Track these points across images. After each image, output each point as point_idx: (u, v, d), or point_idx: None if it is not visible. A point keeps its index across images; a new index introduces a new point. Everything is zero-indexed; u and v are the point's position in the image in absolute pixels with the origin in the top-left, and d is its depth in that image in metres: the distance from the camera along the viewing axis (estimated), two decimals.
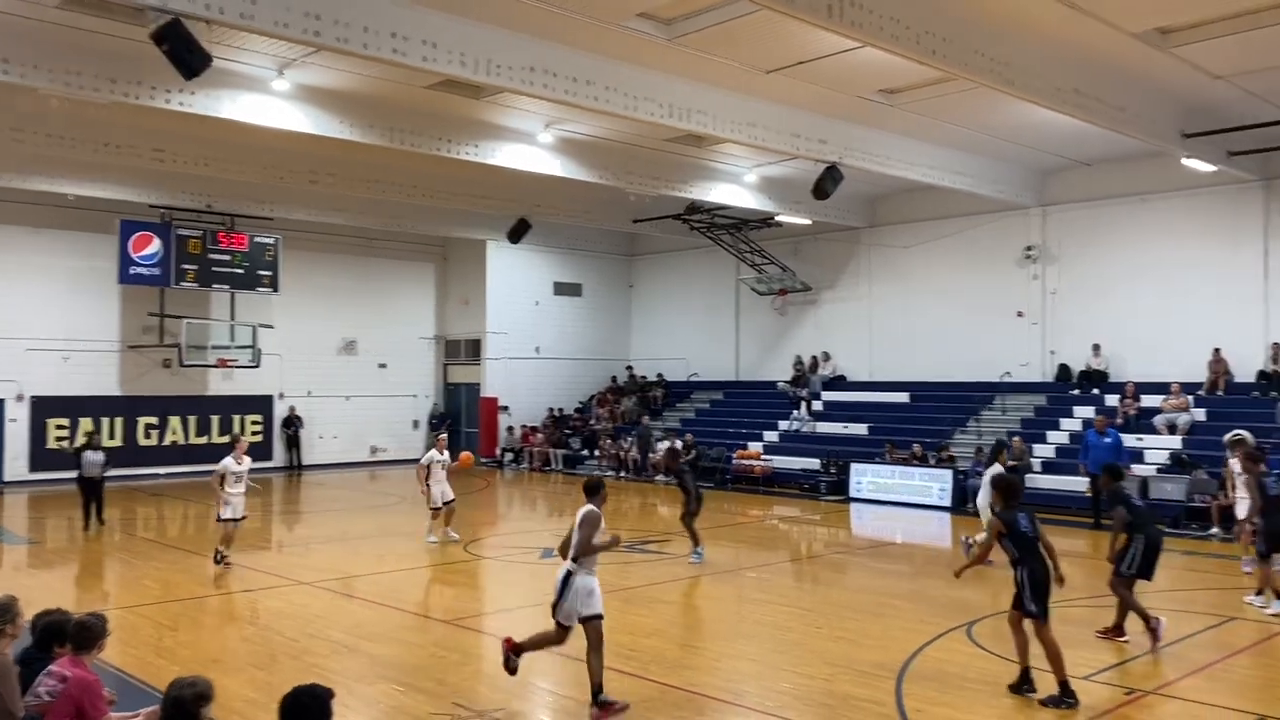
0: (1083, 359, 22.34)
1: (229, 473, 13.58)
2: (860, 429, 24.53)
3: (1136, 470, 18.52)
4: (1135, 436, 19.67)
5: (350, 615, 11.15)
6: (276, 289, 26.82)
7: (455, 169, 21.54)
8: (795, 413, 26.24)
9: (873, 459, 22.45)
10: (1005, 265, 23.72)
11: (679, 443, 23.84)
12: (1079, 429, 20.26)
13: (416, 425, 31.03)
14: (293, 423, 28.23)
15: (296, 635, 10.17)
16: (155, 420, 26.10)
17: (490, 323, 29.99)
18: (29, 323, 24.02)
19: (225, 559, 13.55)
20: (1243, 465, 12.37)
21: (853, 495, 22.00)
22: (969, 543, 14.18)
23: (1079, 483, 18.45)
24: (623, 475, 26.61)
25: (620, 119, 15.91)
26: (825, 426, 25.35)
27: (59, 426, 24.56)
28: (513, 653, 8.01)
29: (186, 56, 10.96)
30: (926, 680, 8.61)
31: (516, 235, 26.02)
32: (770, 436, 25.93)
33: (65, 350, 24.58)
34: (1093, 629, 10.08)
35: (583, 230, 29.87)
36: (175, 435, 26.42)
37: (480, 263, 30.04)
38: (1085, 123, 15.58)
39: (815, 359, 27.45)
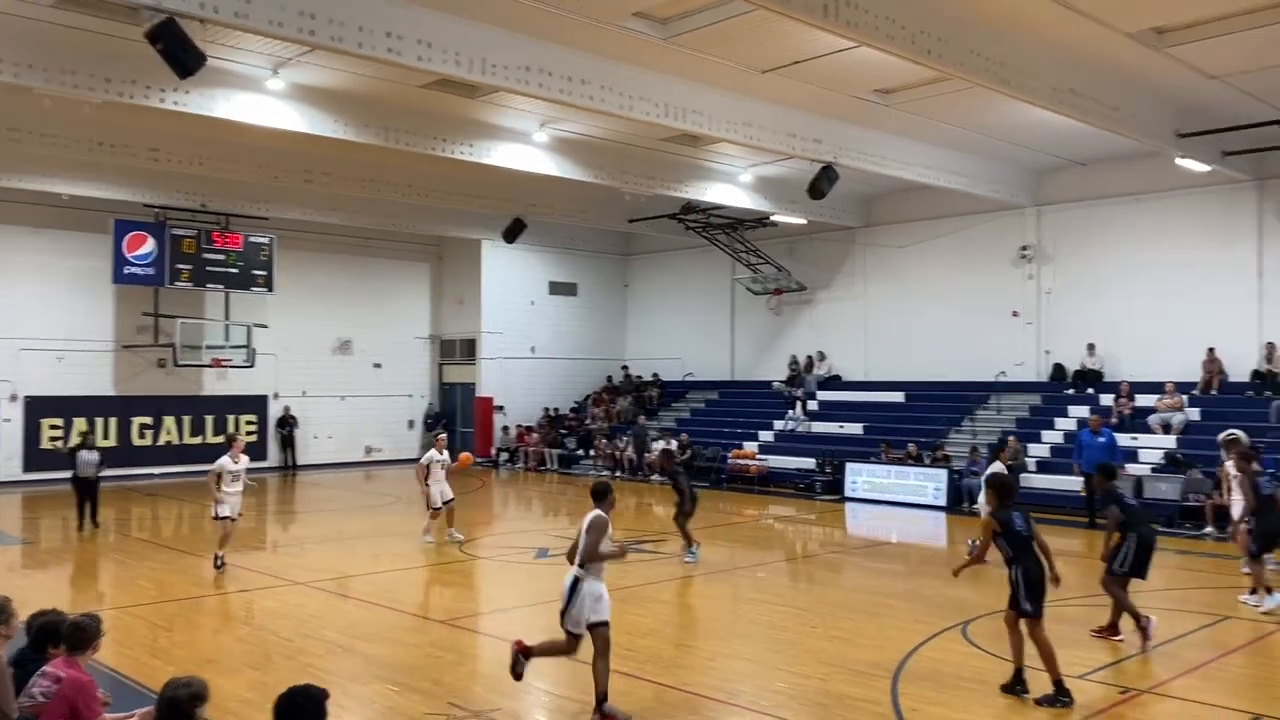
0: (1077, 358, 22.39)
1: (225, 472, 13.54)
2: (855, 429, 24.56)
3: (1131, 469, 18.57)
4: (1130, 436, 19.72)
5: (345, 615, 11.13)
6: (271, 289, 26.78)
7: (450, 168, 21.52)
8: (790, 412, 26.26)
9: (868, 458, 22.46)
10: (1000, 265, 23.76)
11: (674, 443, 23.86)
12: (1074, 428, 20.28)
13: (412, 425, 31.01)
14: (287, 423, 28.19)
15: (291, 635, 10.16)
16: (150, 420, 26.04)
17: (485, 322, 29.96)
18: (23, 322, 23.96)
19: (218, 559, 13.48)
20: (1236, 465, 12.42)
21: (848, 495, 22.00)
22: (974, 545, 14.18)
23: (1074, 482, 18.51)
24: (618, 475, 26.60)
25: (616, 118, 15.91)
26: (820, 426, 25.38)
27: (53, 427, 24.50)
28: (522, 655, 7.80)
29: (181, 56, 10.94)
30: (922, 680, 8.61)
31: (512, 235, 26.02)
32: (765, 436, 25.94)
33: (59, 350, 24.52)
34: (1088, 628, 10.10)
35: (578, 230, 29.88)
36: (170, 435, 26.37)
37: (475, 262, 30.00)
38: (1080, 122, 15.61)
39: (810, 359, 27.47)
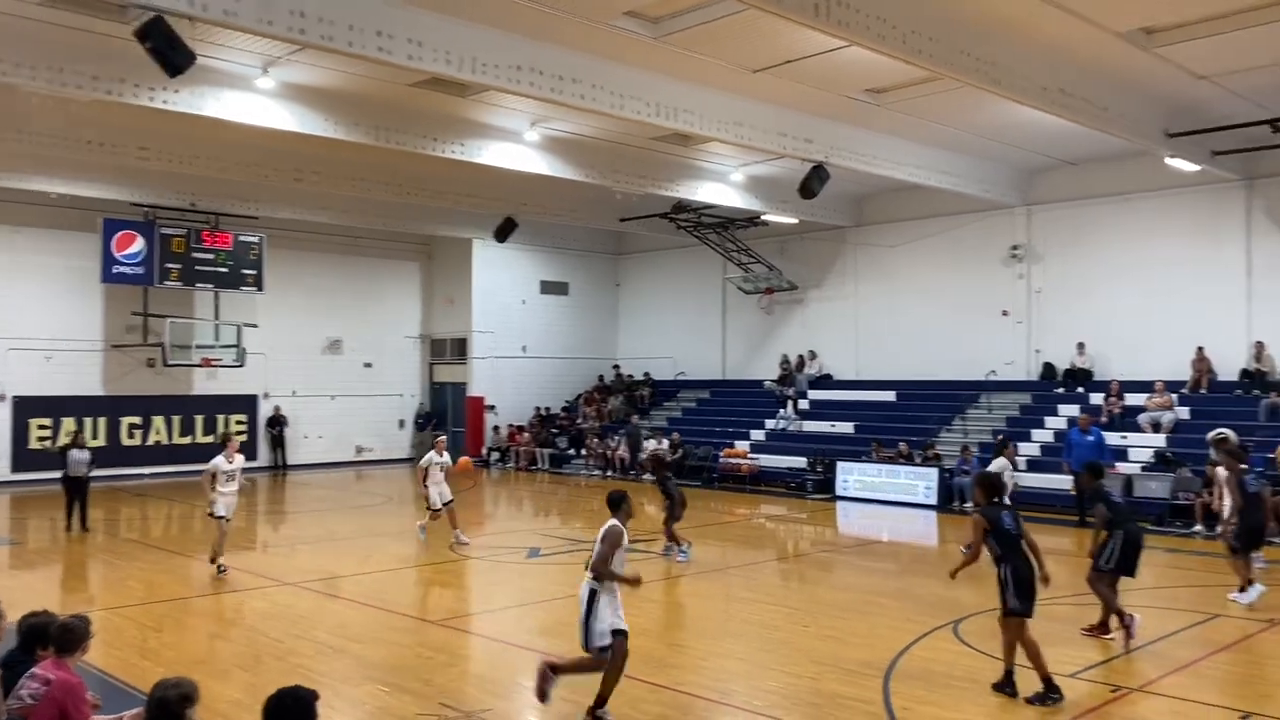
0: (1067, 357, 22.46)
1: (220, 472, 13.42)
2: (847, 427, 24.59)
3: (1121, 468, 18.66)
4: (1120, 434, 19.80)
5: (336, 616, 11.10)
6: (261, 288, 26.68)
7: (441, 167, 21.47)
8: (782, 411, 26.29)
9: (859, 457, 22.49)
10: (990, 264, 23.81)
11: (665, 443, 23.85)
12: (1064, 427, 20.34)
13: (402, 425, 30.95)
14: (277, 422, 28.10)
15: (282, 636, 10.12)
16: (139, 420, 25.94)
17: (476, 322, 29.90)
18: (11, 322, 23.83)
19: (221, 566, 13.28)
20: (1224, 463, 12.47)
21: (839, 494, 22.03)
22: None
23: (1063, 481, 18.53)
24: (610, 474, 26.60)
25: (607, 118, 15.90)
26: (812, 425, 25.40)
27: (41, 427, 24.38)
28: (551, 671, 7.50)
29: (170, 54, 10.89)
30: (913, 679, 8.63)
31: (503, 234, 25.97)
32: (757, 435, 25.96)
33: (48, 350, 24.40)
34: (1078, 626, 10.13)
35: (569, 229, 29.86)
36: (159, 435, 26.27)
37: (466, 261, 29.94)
38: (1070, 122, 15.67)
39: (802, 358, 27.50)
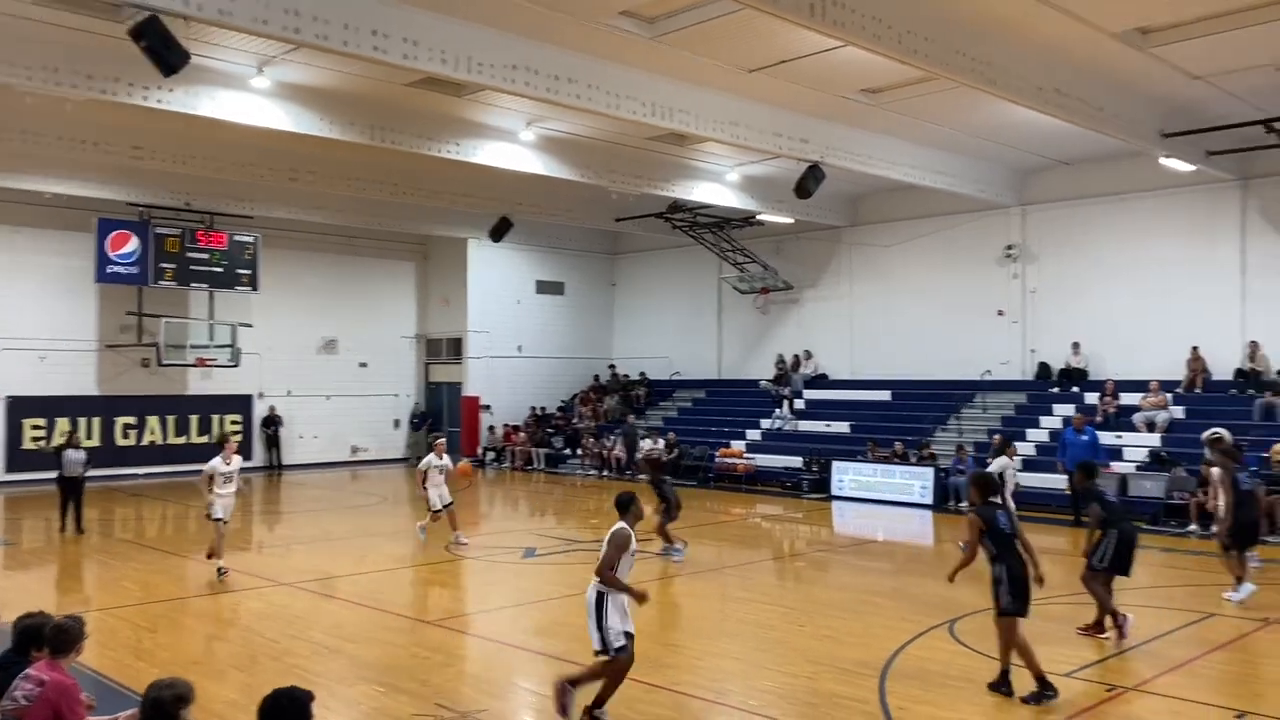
0: (1062, 357, 22.50)
1: (217, 473, 13.34)
2: (842, 427, 24.61)
3: (1116, 467, 18.69)
4: (1115, 434, 19.83)
5: (331, 616, 11.08)
6: (256, 288, 26.62)
7: (436, 167, 21.45)
8: (777, 411, 26.29)
9: (854, 457, 22.50)
10: (985, 264, 23.84)
11: (660, 442, 23.81)
12: (1059, 427, 20.36)
13: (398, 425, 30.92)
14: (272, 422, 28.05)
15: (277, 636, 10.10)
16: (133, 420, 25.88)
17: (472, 321, 29.87)
18: (4, 322, 23.74)
19: (221, 569, 13.20)
20: (1219, 462, 12.50)
21: (835, 493, 22.03)
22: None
23: (1058, 480, 18.58)
24: (605, 474, 26.59)
25: (602, 117, 15.89)
26: (807, 425, 25.42)
27: (35, 427, 24.31)
28: (569, 684, 7.37)
29: (164, 53, 10.87)
30: (909, 678, 8.63)
31: (498, 234, 25.96)
32: (753, 435, 25.97)
33: (42, 350, 24.32)
34: (1073, 626, 10.14)
35: (565, 229, 29.83)
36: (154, 435, 26.21)
37: (461, 261, 29.90)
38: (1066, 122, 15.68)
39: (797, 357, 27.51)
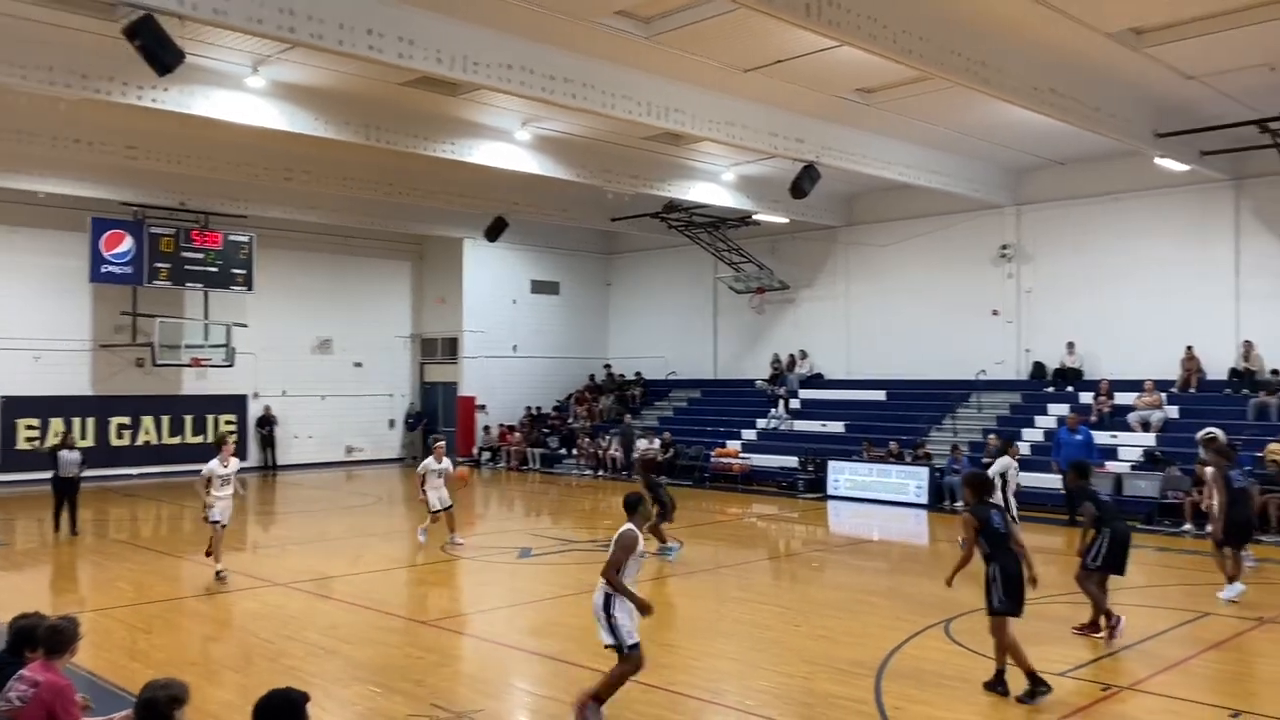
0: (1057, 357, 22.54)
1: (215, 476, 13.28)
2: (838, 427, 24.62)
3: (1111, 467, 18.73)
4: (1109, 433, 19.85)
5: (327, 616, 11.06)
6: (251, 287, 26.57)
7: (432, 167, 21.43)
8: (773, 411, 26.31)
9: (850, 457, 22.50)
10: (980, 264, 23.87)
11: (656, 443, 23.81)
12: (1054, 426, 20.39)
13: (393, 425, 30.89)
14: (267, 422, 28.00)
15: (272, 637, 10.09)
16: (128, 420, 25.81)
17: (467, 321, 29.84)
18: None
19: (220, 573, 13.13)
20: (1212, 461, 12.55)
21: (830, 493, 22.04)
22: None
23: (1053, 480, 18.57)
24: (600, 474, 26.59)
25: (598, 117, 15.89)
26: (803, 424, 25.43)
27: (29, 427, 24.23)
28: (595, 701, 7.33)
29: (159, 52, 10.85)
30: (905, 677, 8.64)
31: (494, 233, 25.94)
32: (748, 434, 25.98)
33: (36, 350, 24.24)
34: (1068, 625, 10.16)
35: (560, 228, 29.81)
36: (148, 435, 26.15)
37: (457, 261, 29.88)
38: (1060, 122, 15.70)
39: (793, 357, 27.52)
